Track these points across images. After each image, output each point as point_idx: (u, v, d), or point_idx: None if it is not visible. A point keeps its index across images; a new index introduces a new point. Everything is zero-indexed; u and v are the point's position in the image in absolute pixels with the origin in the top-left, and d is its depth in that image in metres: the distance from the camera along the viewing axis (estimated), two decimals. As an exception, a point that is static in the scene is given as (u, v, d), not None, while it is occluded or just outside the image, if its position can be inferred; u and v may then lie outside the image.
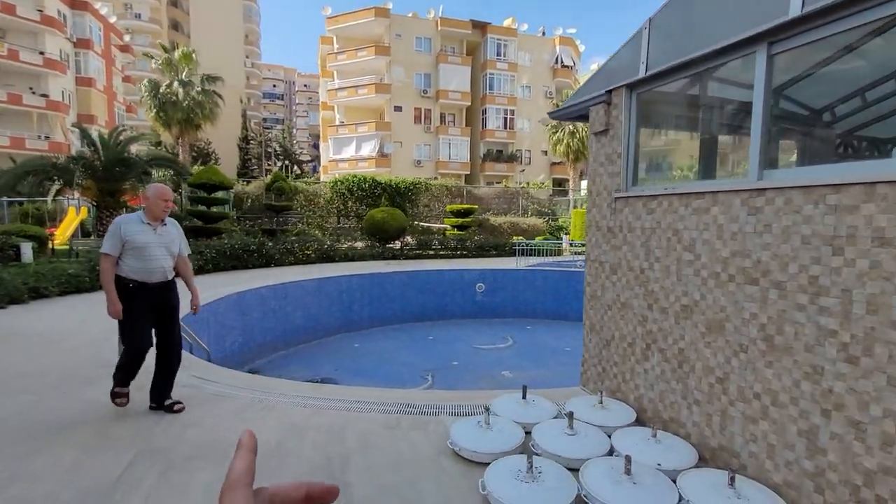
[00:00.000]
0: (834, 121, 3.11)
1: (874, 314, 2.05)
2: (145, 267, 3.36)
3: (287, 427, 3.36)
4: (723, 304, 2.79)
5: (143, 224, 3.38)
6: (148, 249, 3.35)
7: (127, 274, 3.33)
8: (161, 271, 3.44)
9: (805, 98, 3.02)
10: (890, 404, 2.00)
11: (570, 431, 3.04)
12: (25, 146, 27.94)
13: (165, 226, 3.49)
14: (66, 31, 31.05)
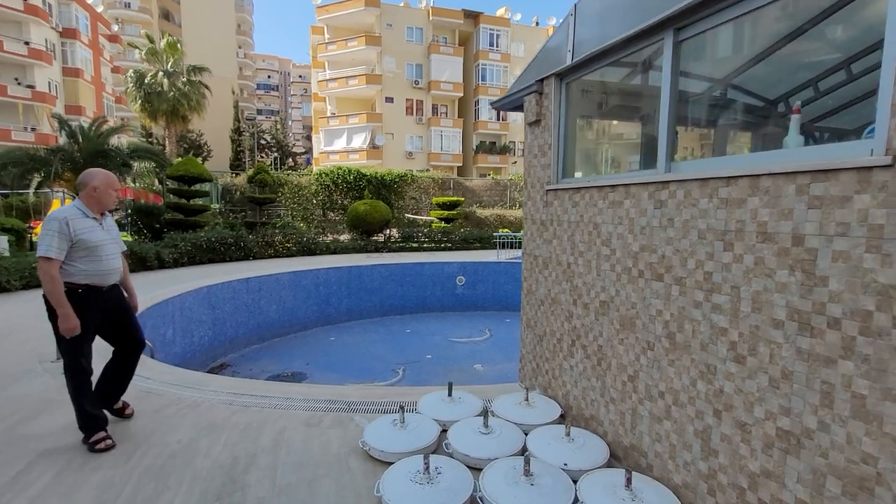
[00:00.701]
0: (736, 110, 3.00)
1: (758, 312, 1.97)
2: (100, 269, 2.87)
3: (204, 425, 3.30)
4: (633, 300, 2.71)
5: (89, 218, 2.87)
6: (102, 248, 2.88)
7: (77, 279, 2.80)
8: (116, 272, 3.02)
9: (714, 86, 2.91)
10: (770, 406, 1.93)
11: (485, 430, 2.98)
12: (11, 138, 27.68)
13: (107, 219, 3.06)
14: (52, 20, 30.63)
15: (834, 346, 1.70)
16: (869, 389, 1.60)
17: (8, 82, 28.35)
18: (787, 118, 2.22)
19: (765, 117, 2.51)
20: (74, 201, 2.94)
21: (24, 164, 15.10)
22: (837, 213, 1.67)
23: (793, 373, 1.84)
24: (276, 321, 10.99)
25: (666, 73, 2.48)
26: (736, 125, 2.80)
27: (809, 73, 2.38)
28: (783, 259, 1.87)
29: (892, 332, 1.52)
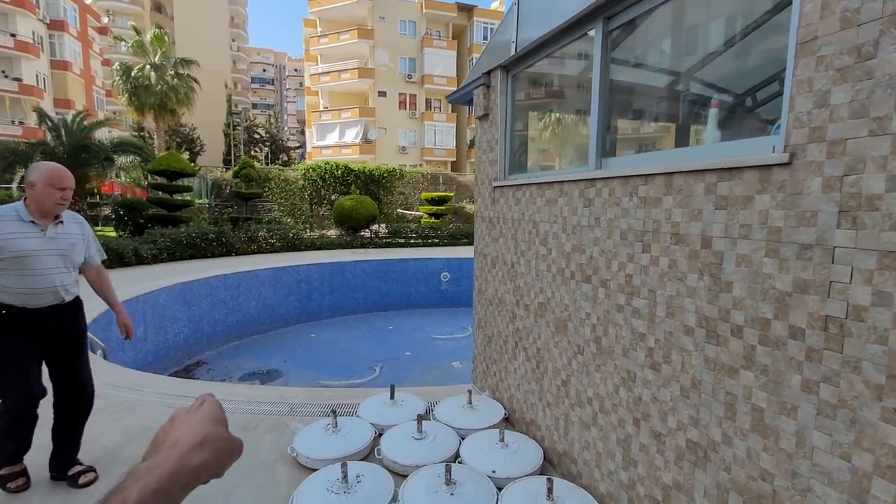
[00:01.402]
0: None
1: (672, 318, 1.87)
2: (28, 286, 2.35)
3: (136, 430, 3.20)
4: (566, 302, 2.61)
5: (25, 222, 2.35)
6: (34, 261, 2.35)
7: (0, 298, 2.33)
8: (52, 291, 2.42)
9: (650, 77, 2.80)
10: (681, 416, 1.84)
11: (418, 435, 2.88)
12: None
13: (61, 224, 2.48)
14: (39, 12, 30.21)
15: (737, 355, 1.60)
16: (767, 402, 1.50)
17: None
18: (724, 111, 2.11)
19: (698, 111, 2.40)
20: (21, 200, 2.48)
21: (5, 159, 14.89)
22: (741, 215, 1.57)
23: (701, 382, 1.75)
24: (256, 318, 10.87)
25: (596, 63, 2.36)
26: (675, 119, 2.69)
27: (741, 64, 2.27)
28: (693, 262, 1.76)
29: (789, 342, 1.42)
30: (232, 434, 0.53)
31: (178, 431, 0.51)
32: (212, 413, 0.53)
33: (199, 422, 0.51)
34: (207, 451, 0.49)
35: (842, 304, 1.28)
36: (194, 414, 0.52)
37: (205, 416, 0.52)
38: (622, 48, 2.38)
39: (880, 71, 1.18)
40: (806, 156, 1.36)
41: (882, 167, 1.18)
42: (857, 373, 1.25)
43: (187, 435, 0.49)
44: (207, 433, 0.50)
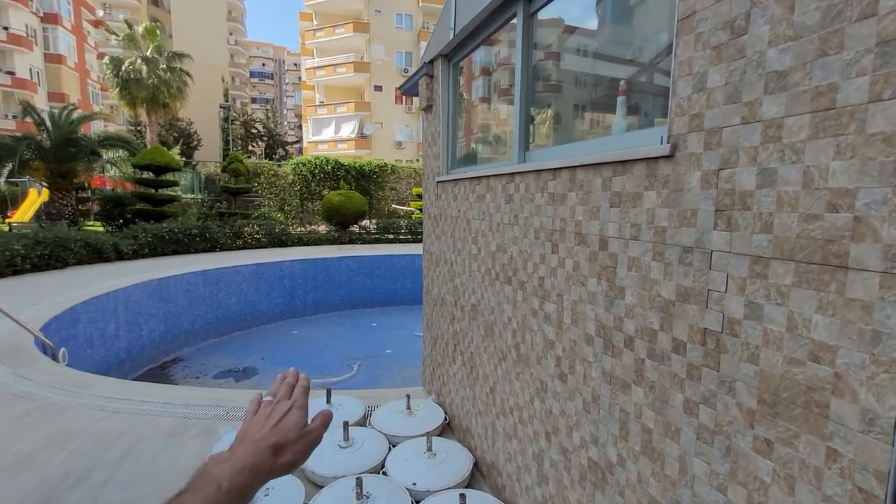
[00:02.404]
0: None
1: (576, 325, 1.72)
2: None
3: (57, 434, 3.07)
4: (492, 304, 2.46)
5: None
6: None
7: None
8: None
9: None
10: (584, 433, 1.69)
11: (344, 444, 2.74)
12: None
13: None
14: (32, 4, 29.97)
15: (629, 368, 1.45)
16: (654, 422, 1.35)
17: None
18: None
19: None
20: None
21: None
22: (632, 213, 1.41)
23: (599, 397, 1.60)
24: (237, 314, 10.75)
25: (518, 48, 2.19)
26: (598, 107, 2.51)
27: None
28: (593, 265, 1.61)
29: (672, 357, 1.27)
30: (311, 431, 0.59)
31: (257, 433, 0.56)
32: (296, 421, 0.58)
33: (281, 430, 0.56)
34: (290, 454, 0.56)
35: (718, 316, 1.13)
36: (277, 424, 0.57)
37: (289, 425, 0.57)
38: (544, 31, 2.20)
39: (751, 48, 1.02)
40: (686, 147, 1.20)
41: (753, 160, 1.02)
42: (731, 395, 1.10)
43: (263, 438, 0.54)
44: (287, 441, 0.55)
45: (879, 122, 0.80)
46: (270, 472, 0.53)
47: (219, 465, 0.50)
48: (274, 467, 0.54)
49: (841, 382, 0.87)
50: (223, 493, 0.47)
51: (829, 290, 0.88)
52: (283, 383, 0.66)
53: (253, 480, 0.50)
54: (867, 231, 0.82)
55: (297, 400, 0.62)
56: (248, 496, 0.50)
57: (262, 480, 0.52)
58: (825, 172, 0.88)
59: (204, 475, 0.48)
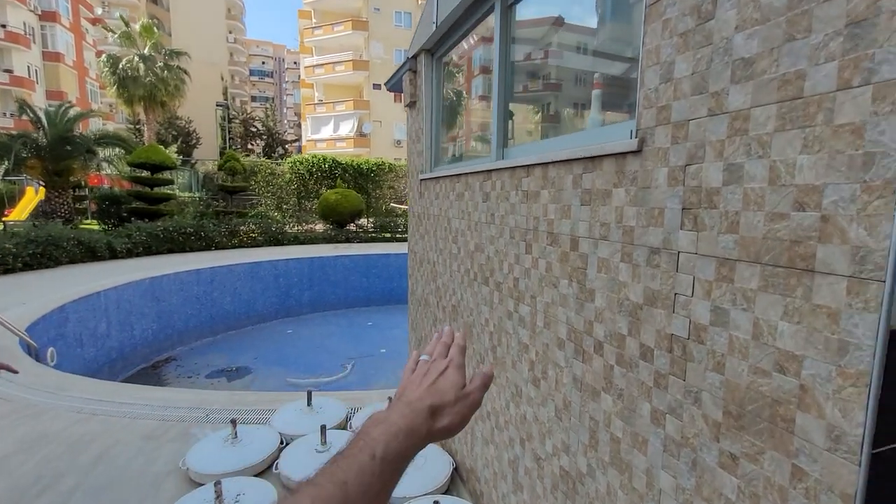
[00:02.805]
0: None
1: (549, 328, 1.65)
2: None
3: (34, 437, 3.01)
4: (471, 305, 2.39)
5: None
6: None
7: None
8: None
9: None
10: (556, 440, 1.62)
11: (321, 448, 2.68)
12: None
13: None
14: (30, 2, 29.88)
15: (598, 375, 1.38)
16: (623, 432, 1.28)
17: (-15, 67, 27.78)
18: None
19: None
20: None
21: (-16, 151, 14.69)
22: (601, 212, 1.34)
23: (570, 404, 1.53)
24: (231, 313, 10.69)
25: (496, 42, 2.12)
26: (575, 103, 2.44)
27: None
28: (564, 266, 1.54)
29: (640, 363, 1.20)
30: (469, 393, 0.53)
31: (414, 393, 0.52)
32: (453, 381, 0.53)
33: (437, 391, 0.52)
34: (448, 417, 0.51)
35: (685, 322, 1.06)
36: (433, 384, 0.53)
37: (446, 385, 0.53)
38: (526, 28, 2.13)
39: (718, 34, 0.95)
40: (654, 141, 1.13)
41: (720, 154, 0.95)
42: (697, 405, 1.03)
43: (418, 399, 0.51)
44: (445, 403, 0.51)
45: (848, 112, 0.73)
46: (427, 436, 0.49)
47: (376, 425, 0.46)
48: (431, 431, 0.50)
49: (807, 396, 0.80)
50: (377, 462, 0.43)
51: (796, 296, 0.81)
52: (440, 342, 0.59)
53: (409, 445, 0.47)
54: (834, 231, 0.75)
55: (453, 359, 0.56)
56: (404, 463, 0.46)
57: (419, 446, 0.48)
58: (792, 168, 0.81)
59: (362, 436, 0.45)
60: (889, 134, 0.67)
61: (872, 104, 0.69)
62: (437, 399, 0.51)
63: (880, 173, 0.69)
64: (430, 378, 0.53)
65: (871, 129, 0.70)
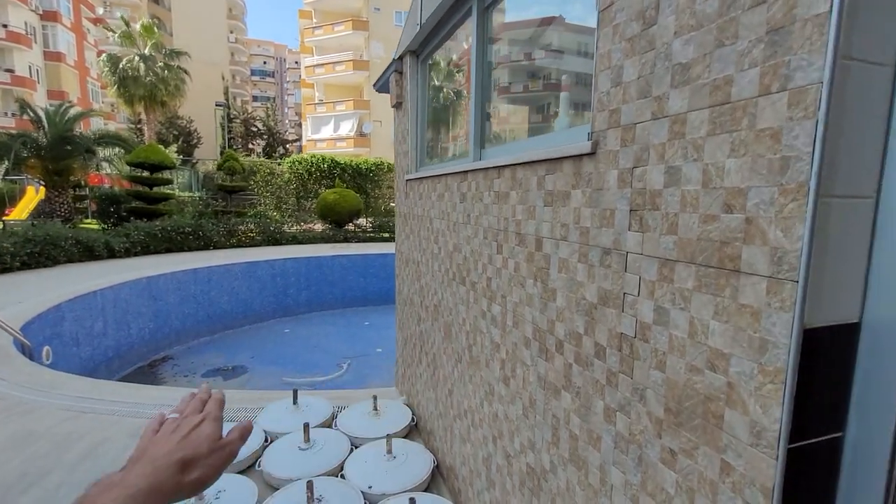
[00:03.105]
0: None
1: (517, 328, 1.67)
2: None
3: (21, 435, 3.04)
4: (450, 305, 2.41)
5: None
6: None
7: None
8: None
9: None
10: (523, 438, 1.64)
11: (305, 445, 2.71)
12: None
13: None
14: (31, 2, 29.99)
15: (559, 373, 1.40)
16: (580, 429, 1.30)
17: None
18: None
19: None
20: None
21: (-16, 150, 14.75)
22: (562, 213, 1.36)
23: (535, 401, 1.55)
24: (228, 313, 10.72)
25: (473, 43, 2.14)
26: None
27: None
28: (530, 266, 1.56)
29: (595, 362, 1.22)
30: (226, 444, 0.52)
31: (160, 449, 0.49)
32: (208, 434, 0.52)
33: (190, 443, 0.50)
34: (201, 470, 0.49)
35: (632, 321, 1.08)
36: (186, 437, 0.51)
37: (200, 437, 0.51)
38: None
39: (660, 39, 0.97)
40: (606, 144, 1.15)
41: (661, 157, 0.97)
42: (643, 403, 1.05)
43: (166, 454, 0.48)
44: (197, 455, 0.49)
45: (768, 117, 0.75)
46: (175, 492, 0.46)
47: (107, 490, 0.43)
48: (180, 486, 0.47)
49: (733, 392, 0.82)
50: None
51: (724, 296, 0.84)
52: (194, 399, 0.59)
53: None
54: (756, 233, 0.77)
55: (210, 412, 0.55)
56: None
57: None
58: (721, 171, 0.84)
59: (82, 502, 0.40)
60: (802, 139, 0.70)
61: (788, 109, 0.71)
62: (190, 452, 0.49)
63: (794, 177, 0.71)
64: (181, 432, 0.52)
65: (786, 134, 0.72)
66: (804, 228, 0.70)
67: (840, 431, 0.78)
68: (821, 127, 0.67)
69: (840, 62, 0.65)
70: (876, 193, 0.72)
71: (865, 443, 0.76)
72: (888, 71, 0.69)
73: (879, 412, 0.74)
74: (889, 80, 0.69)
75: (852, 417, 0.78)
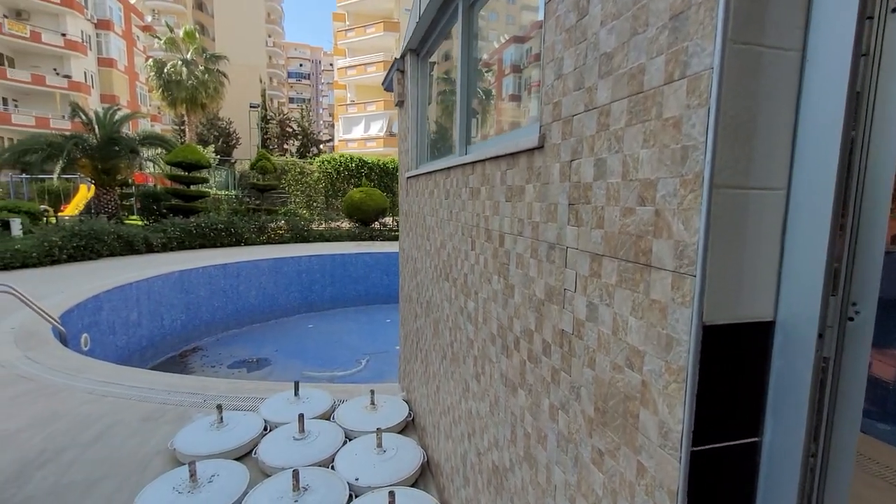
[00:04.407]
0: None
1: (486, 324, 1.66)
2: None
3: (46, 414, 3.26)
4: (438, 301, 2.42)
5: None
6: None
7: None
8: None
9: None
10: (490, 435, 1.63)
11: (299, 436, 2.78)
12: (50, 126, 29.26)
13: None
14: (87, 12, 31.97)
15: (516, 370, 1.38)
16: (532, 427, 1.28)
17: (47, 73, 29.92)
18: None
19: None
20: None
21: (43, 151, 15.84)
22: (518, 208, 1.35)
23: (499, 399, 1.54)
24: (256, 307, 11.09)
25: (459, 40, 2.14)
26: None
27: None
28: (495, 262, 1.55)
29: (542, 359, 1.20)
30: None
31: None
32: None
33: None
34: None
35: (570, 317, 1.06)
36: None
37: None
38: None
39: (590, 30, 0.95)
40: (551, 138, 1.13)
41: (591, 149, 0.95)
42: (578, 401, 1.03)
43: None
44: None
45: (672, 106, 0.72)
46: None
47: None
48: None
49: (647, 391, 0.80)
50: None
51: (639, 291, 0.81)
52: None
53: None
54: (664, 226, 0.75)
55: None
56: None
57: None
58: (637, 162, 0.81)
59: None
60: (698, 127, 0.67)
61: (686, 97, 0.69)
62: None
63: (692, 167, 0.68)
64: None
65: (685, 123, 0.69)
66: (700, 220, 0.67)
67: (756, 436, 0.75)
68: (713, 114, 0.64)
69: (730, 46, 0.62)
70: (787, 186, 0.68)
71: (781, 448, 0.72)
72: (793, 57, 0.65)
73: (795, 415, 0.70)
74: (795, 66, 0.65)
75: (769, 421, 0.74)
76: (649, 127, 0.77)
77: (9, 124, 27.87)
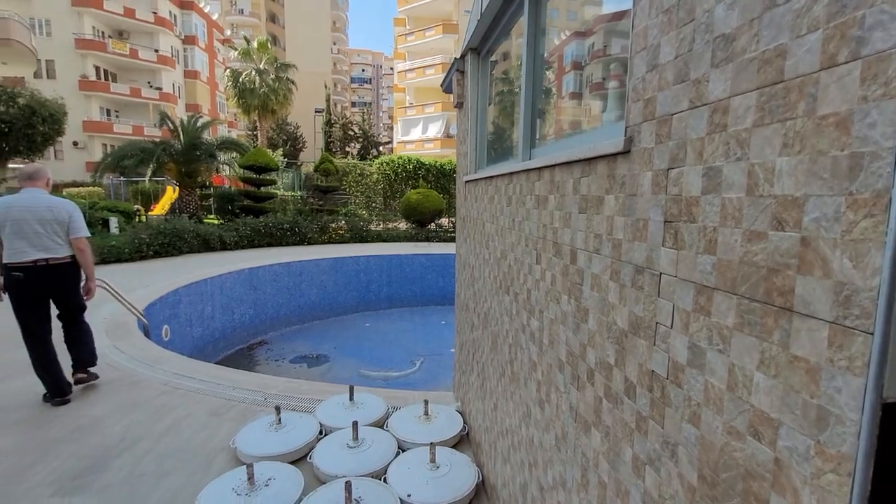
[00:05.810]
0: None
1: (552, 347, 1.50)
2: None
3: (127, 403, 3.50)
4: (497, 315, 2.27)
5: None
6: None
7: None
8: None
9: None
10: (555, 472, 1.46)
11: (353, 444, 2.75)
12: (144, 133, 32.45)
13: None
14: (176, 29, 35.09)
15: (590, 406, 1.21)
16: (608, 477, 1.10)
17: (142, 86, 33.22)
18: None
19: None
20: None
21: (136, 156, 17.56)
22: (595, 221, 1.17)
23: (567, 434, 1.37)
24: (317, 304, 11.51)
25: (525, 35, 1.98)
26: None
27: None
28: (565, 280, 1.38)
29: (625, 400, 1.03)
30: None
31: None
32: None
33: None
34: None
35: (664, 357, 0.88)
36: None
37: None
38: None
39: (700, 7, 0.76)
40: (641, 141, 0.95)
41: (699, 155, 0.77)
42: (674, 461, 0.85)
43: None
44: None
45: (833, 99, 0.53)
46: None
47: None
48: None
49: (782, 474, 0.61)
50: None
51: (773, 341, 0.62)
52: None
53: None
54: (815, 260, 0.56)
55: None
56: None
57: None
58: (770, 173, 0.62)
59: None
60: (880, 127, 0.48)
61: (861, 86, 0.50)
62: None
63: (869, 182, 0.49)
64: None
65: (858, 121, 0.50)
66: (884, 258, 0.48)
67: (950, 552, 0.53)
68: (911, 109, 0.45)
69: (946, 10, 0.43)
70: None
71: None
72: None
73: None
74: None
75: (971, 535, 0.53)
76: (792, 127, 0.59)
77: (111, 133, 31.21)
